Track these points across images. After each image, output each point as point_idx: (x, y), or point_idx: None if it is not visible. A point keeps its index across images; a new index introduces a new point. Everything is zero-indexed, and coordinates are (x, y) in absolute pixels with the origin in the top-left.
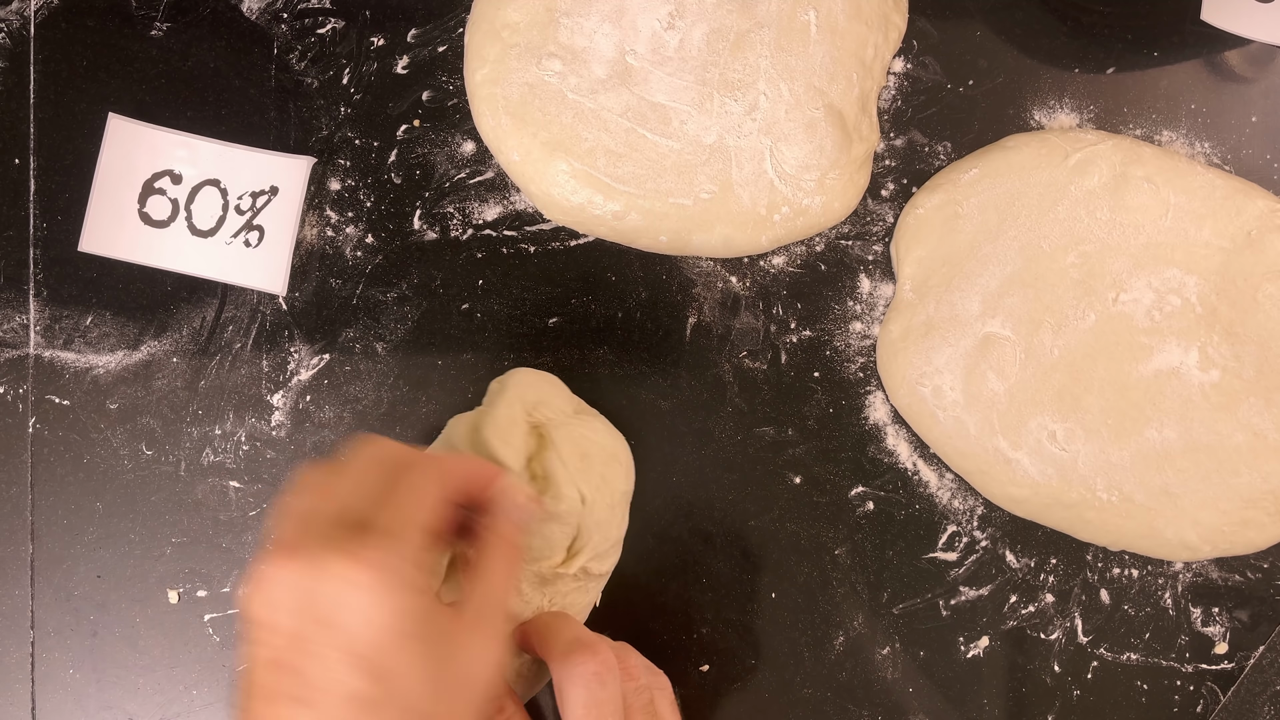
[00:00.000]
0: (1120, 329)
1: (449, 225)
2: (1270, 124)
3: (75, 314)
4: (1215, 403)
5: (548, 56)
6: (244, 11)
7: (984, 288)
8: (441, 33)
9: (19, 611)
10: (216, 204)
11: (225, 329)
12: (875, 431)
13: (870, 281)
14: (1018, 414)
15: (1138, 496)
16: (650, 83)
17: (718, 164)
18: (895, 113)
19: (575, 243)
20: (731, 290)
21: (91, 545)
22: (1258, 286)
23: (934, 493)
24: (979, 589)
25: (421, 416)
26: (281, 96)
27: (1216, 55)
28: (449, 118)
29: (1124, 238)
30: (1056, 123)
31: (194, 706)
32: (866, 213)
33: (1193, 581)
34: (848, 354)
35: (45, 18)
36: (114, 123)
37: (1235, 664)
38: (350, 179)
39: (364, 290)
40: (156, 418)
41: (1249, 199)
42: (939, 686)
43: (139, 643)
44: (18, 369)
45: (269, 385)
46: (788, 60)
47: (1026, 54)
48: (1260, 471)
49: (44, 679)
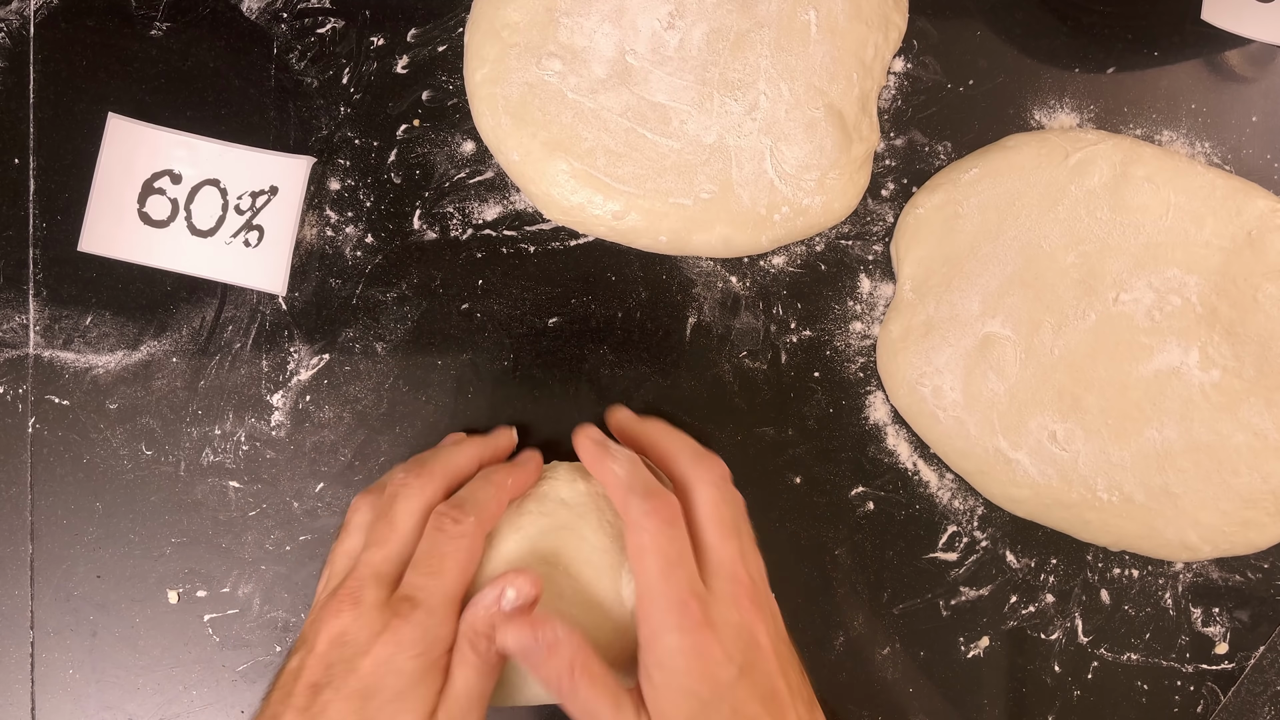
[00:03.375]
0: (1120, 329)
1: (449, 225)
2: (1270, 124)
3: (75, 314)
4: (1216, 403)
5: (547, 56)
6: (244, 11)
7: (984, 287)
8: (441, 32)
9: (19, 611)
10: (216, 204)
11: (225, 329)
12: (875, 431)
13: (870, 281)
14: (1018, 414)
15: (1138, 497)
16: (650, 82)
17: (718, 164)
18: (895, 113)
19: (575, 243)
20: (731, 290)
21: (91, 545)
22: (1258, 286)
23: (934, 493)
24: (979, 589)
25: (421, 416)
26: (281, 96)
27: (1217, 55)
28: (449, 117)
29: (1124, 237)
30: (1057, 123)
31: (194, 706)
32: (866, 213)
33: (1193, 582)
34: (848, 354)
35: (45, 18)
36: (114, 122)
37: (1236, 664)
38: (350, 179)
39: (364, 290)
40: (156, 418)
41: (1249, 199)
42: (939, 686)
43: (139, 643)
44: (17, 369)
45: (269, 385)
46: (788, 60)
47: (1026, 54)
48: (1260, 472)
49: (44, 679)
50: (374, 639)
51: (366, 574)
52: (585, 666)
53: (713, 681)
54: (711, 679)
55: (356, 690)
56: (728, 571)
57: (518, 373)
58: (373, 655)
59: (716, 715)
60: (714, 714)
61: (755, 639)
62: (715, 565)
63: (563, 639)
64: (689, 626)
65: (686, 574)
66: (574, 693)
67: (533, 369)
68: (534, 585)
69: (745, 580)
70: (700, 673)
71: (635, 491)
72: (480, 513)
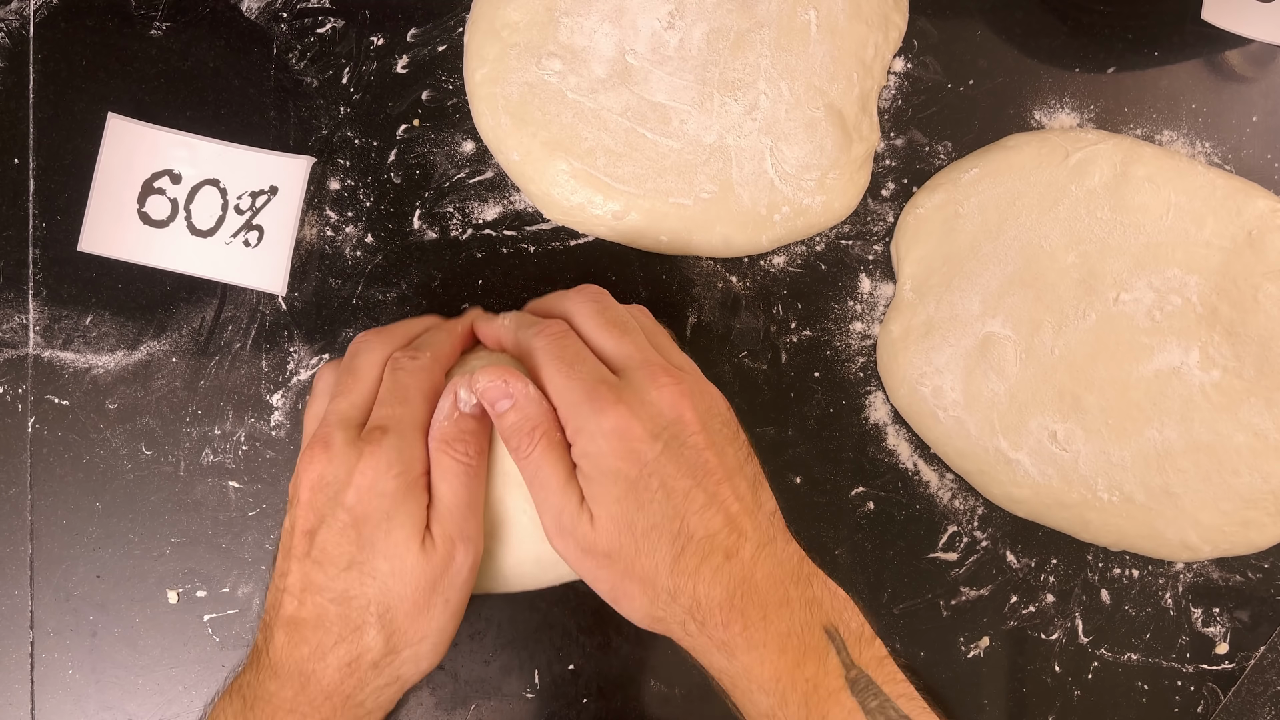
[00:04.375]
0: (1121, 329)
1: (449, 225)
2: (1271, 124)
3: (74, 314)
4: (1216, 403)
5: (547, 56)
6: (243, 11)
7: (984, 287)
8: (441, 32)
9: (18, 611)
10: (216, 204)
11: (225, 329)
12: (875, 431)
13: (870, 281)
14: (1018, 414)
15: (1138, 497)
16: (650, 82)
17: (718, 164)
18: (895, 112)
19: (575, 243)
20: (731, 290)
21: (91, 545)
22: (1258, 286)
23: (934, 493)
24: (979, 589)
25: None
26: (281, 96)
27: (1217, 55)
28: (449, 117)
29: (1124, 237)
30: (1057, 122)
31: (194, 707)
32: (866, 212)
33: (1193, 582)
34: (848, 354)
35: (45, 17)
36: (113, 122)
37: (1236, 664)
38: (350, 179)
39: (364, 290)
40: (156, 418)
41: (1249, 199)
42: (939, 686)
43: (139, 643)
44: (17, 369)
45: (268, 385)
46: (788, 60)
47: (1027, 54)
48: (1261, 472)
49: (43, 679)
50: (351, 472)
51: (333, 420)
52: (548, 433)
53: (637, 459)
54: (635, 456)
55: (347, 522)
56: (637, 360)
57: None
58: (354, 485)
59: (645, 491)
60: (642, 490)
61: (679, 415)
62: (621, 360)
63: (532, 397)
64: (603, 408)
65: (589, 367)
66: (530, 454)
67: None
68: (485, 376)
69: (658, 361)
70: (623, 451)
71: (522, 326)
72: (435, 350)
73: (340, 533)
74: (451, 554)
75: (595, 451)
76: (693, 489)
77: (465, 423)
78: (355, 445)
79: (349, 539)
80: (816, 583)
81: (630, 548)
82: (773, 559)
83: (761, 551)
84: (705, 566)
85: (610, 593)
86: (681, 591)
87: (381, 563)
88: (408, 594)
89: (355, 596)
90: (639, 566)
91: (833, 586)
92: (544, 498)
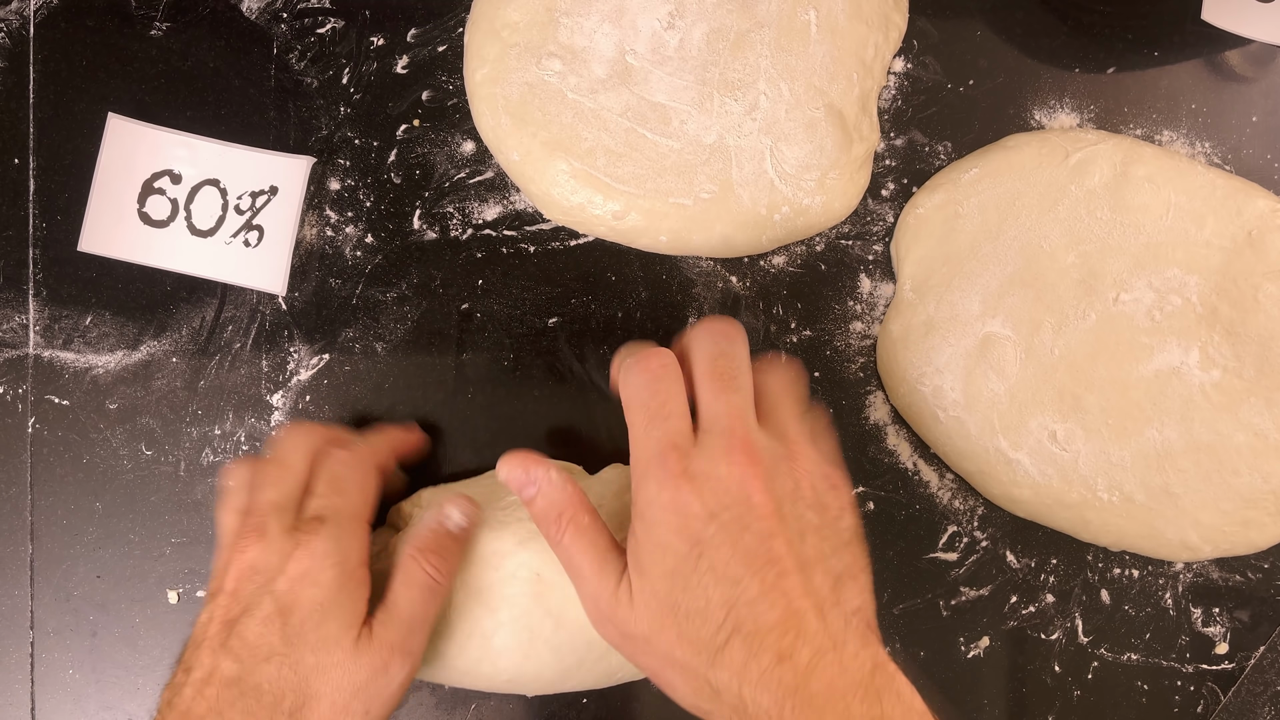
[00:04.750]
0: (1121, 329)
1: (449, 225)
2: (1271, 124)
3: (75, 314)
4: (1216, 402)
5: (547, 56)
6: (243, 11)
7: (984, 287)
8: (441, 32)
9: (18, 611)
10: (216, 204)
11: (225, 329)
12: (875, 431)
13: (870, 281)
14: (1018, 414)
15: (1138, 497)
16: (650, 82)
17: (718, 164)
18: (895, 112)
19: (575, 243)
20: (731, 290)
21: (91, 545)
22: (1258, 286)
23: (934, 493)
24: (979, 589)
25: (421, 416)
26: (281, 96)
27: (1217, 55)
28: (449, 117)
29: (1124, 237)
30: (1057, 122)
31: None
32: (866, 212)
33: (1193, 582)
34: (848, 354)
35: (45, 18)
36: (113, 122)
37: (1236, 664)
38: (350, 179)
39: (364, 290)
40: (156, 418)
41: (1249, 199)
42: (939, 686)
43: (139, 643)
44: (17, 369)
45: (269, 385)
46: (788, 60)
47: (1026, 54)
48: (1261, 471)
49: (43, 679)
50: (285, 560)
51: (266, 509)
52: (574, 518)
53: (690, 536)
54: (689, 533)
55: (273, 611)
56: (721, 426)
57: (518, 373)
58: (287, 574)
59: (693, 572)
60: (690, 570)
61: (746, 496)
62: (707, 420)
63: (554, 483)
64: (665, 478)
65: (670, 426)
66: (560, 541)
67: (533, 369)
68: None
69: (742, 432)
70: (677, 526)
71: (628, 355)
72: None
73: (264, 622)
74: (387, 662)
75: (649, 519)
76: (746, 577)
77: (445, 540)
78: (291, 534)
79: (273, 629)
80: (889, 698)
81: (672, 631)
82: (837, 666)
83: (824, 658)
84: (753, 665)
85: (655, 679)
86: (726, 689)
87: (309, 655)
88: (327, 693)
89: (266, 692)
90: (680, 653)
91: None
92: (580, 584)
